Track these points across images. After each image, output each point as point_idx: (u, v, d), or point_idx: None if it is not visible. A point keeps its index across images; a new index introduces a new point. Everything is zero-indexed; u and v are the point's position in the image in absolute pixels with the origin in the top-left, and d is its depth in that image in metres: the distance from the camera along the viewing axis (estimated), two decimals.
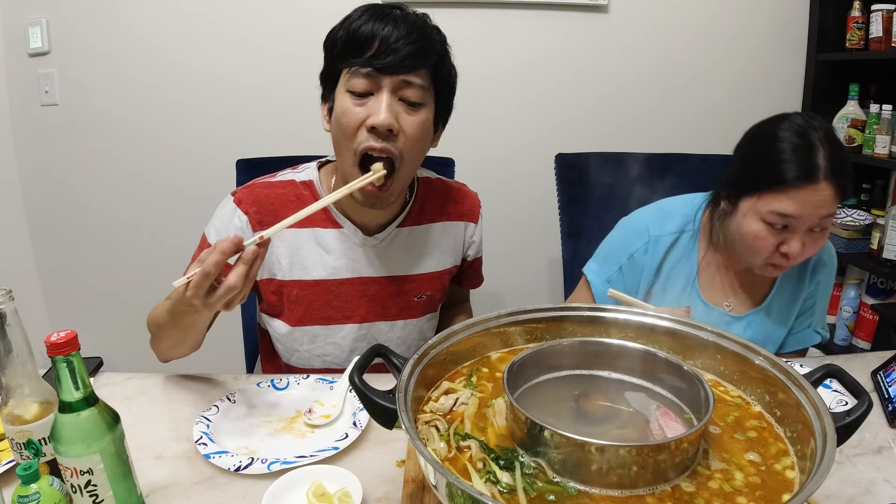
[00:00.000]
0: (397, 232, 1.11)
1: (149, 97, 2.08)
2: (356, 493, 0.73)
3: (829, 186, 0.97)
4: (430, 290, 1.16)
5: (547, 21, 2.06)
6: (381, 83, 0.93)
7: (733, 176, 1.09)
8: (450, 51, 1.01)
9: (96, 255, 2.22)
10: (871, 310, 1.99)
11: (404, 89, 0.94)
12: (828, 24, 2.06)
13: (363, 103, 0.94)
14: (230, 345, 1.57)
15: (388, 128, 0.92)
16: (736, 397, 0.75)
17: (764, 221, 1.02)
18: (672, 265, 1.19)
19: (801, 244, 1.01)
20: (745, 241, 1.06)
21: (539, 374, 0.76)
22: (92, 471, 0.65)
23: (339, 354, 1.13)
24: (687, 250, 1.19)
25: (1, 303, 0.69)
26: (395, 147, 0.95)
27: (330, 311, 1.10)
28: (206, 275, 0.77)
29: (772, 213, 1.00)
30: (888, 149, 1.84)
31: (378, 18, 0.93)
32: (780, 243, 1.02)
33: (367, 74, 0.92)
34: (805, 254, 1.02)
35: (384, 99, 0.93)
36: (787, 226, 1.01)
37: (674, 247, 1.18)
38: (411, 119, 0.95)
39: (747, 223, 1.04)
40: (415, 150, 0.98)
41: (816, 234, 1.02)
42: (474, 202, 1.23)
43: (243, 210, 1.05)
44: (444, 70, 1.00)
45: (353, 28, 0.93)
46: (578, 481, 0.59)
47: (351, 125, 0.94)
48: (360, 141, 0.94)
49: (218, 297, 0.79)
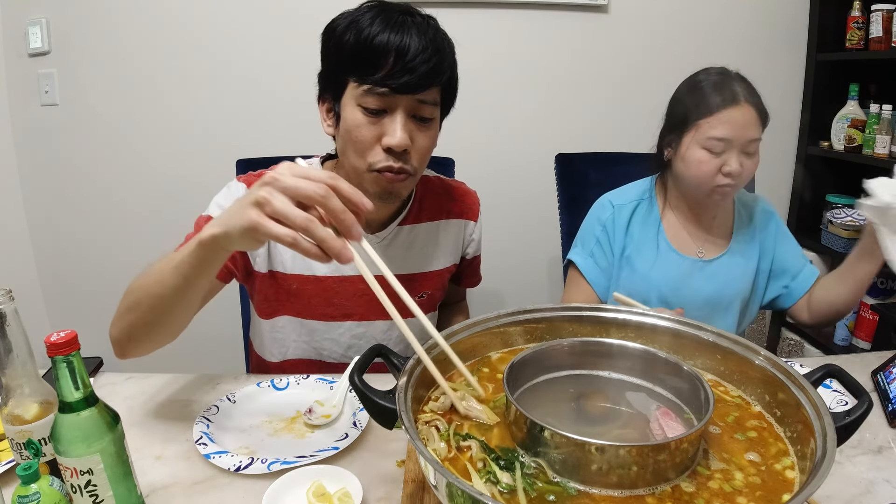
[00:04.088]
0: (398, 230, 1.11)
1: (149, 97, 2.08)
2: (356, 493, 0.73)
3: (751, 108, 1.16)
4: (431, 289, 1.16)
5: (547, 21, 2.06)
6: (396, 103, 0.92)
7: (670, 125, 1.27)
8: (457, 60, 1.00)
9: (96, 255, 2.22)
10: (871, 310, 1.99)
11: (418, 108, 0.94)
12: (828, 24, 2.06)
13: (377, 121, 0.93)
14: (230, 345, 1.57)
15: (404, 149, 0.93)
16: (736, 397, 0.75)
17: (704, 149, 1.19)
18: (639, 228, 1.34)
19: (739, 164, 1.17)
20: (692, 172, 1.22)
21: (539, 374, 0.76)
22: (92, 471, 0.65)
23: (336, 350, 1.13)
24: (648, 213, 1.35)
25: (1, 303, 0.69)
26: (409, 164, 0.96)
27: (329, 309, 1.10)
28: (323, 179, 0.63)
29: (709, 139, 1.18)
30: (888, 149, 1.84)
31: (391, 28, 0.89)
32: (722, 165, 1.18)
33: (382, 96, 0.90)
34: (743, 175, 1.19)
35: (399, 120, 0.92)
36: (723, 149, 1.17)
37: (635, 213, 1.34)
38: (423, 135, 0.96)
39: (690, 154, 1.21)
40: (425, 160, 1.00)
41: (749, 156, 1.19)
42: (474, 200, 1.23)
43: None
44: (454, 80, 1.00)
45: (364, 37, 0.89)
46: (578, 481, 0.59)
47: (365, 141, 0.93)
48: (377, 160, 0.94)
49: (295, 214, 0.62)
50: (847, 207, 2.05)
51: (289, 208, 0.62)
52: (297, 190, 0.63)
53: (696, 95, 1.22)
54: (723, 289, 1.32)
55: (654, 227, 1.34)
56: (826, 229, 2.08)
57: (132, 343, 0.88)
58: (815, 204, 2.22)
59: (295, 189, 0.63)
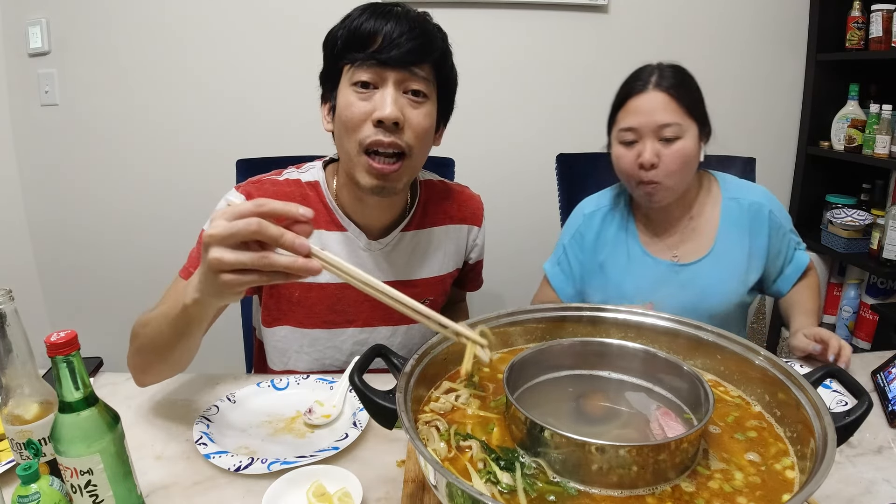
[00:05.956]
0: (401, 236, 1.10)
1: (149, 97, 2.08)
2: (356, 493, 0.73)
3: (660, 93, 1.12)
4: (434, 295, 1.16)
5: (547, 21, 2.06)
6: (385, 76, 0.92)
7: (608, 127, 1.23)
8: (450, 48, 1.00)
9: (96, 255, 2.22)
10: (870, 310, 1.99)
11: (409, 81, 0.94)
12: (828, 24, 2.06)
13: (368, 97, 0.93)
14: (230, 345, 1.57)
15: (394, 121, 0.92)
16: (736, 397, 0.75)
17: (620, 143, 1.17)
18: (612, 234, 1.30)
19: (653, 152, 1.12)
20: (617, 170, 1.20)
21: (539, 374, 0.77)
22: (92, 471, 0.65)
23: (339, 357, 1.12)
24: (622, 220, 1.30)
25: (1, 303, 0.69)
26: (402, 140, 0.94)
27: (332, 315, 1.09)
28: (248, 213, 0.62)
29: (621, 131, 1.16)
30: (888, 149, 1.84)
31: (379, 16, 0.92)
32: (637, 157, 1.14)
33: (371, 67, 0.92)
34: (664, 165, 1.13)
35: (389, 92, 0.92)
36: (635, 140, 1.14)
37: (607, 218, 1.31)
38: (416, 112, 0.95)
39: (613, 152, 1.19)
40: (421, 143, 0.97)
41: (667, 144, 1.13)
42: (478, 205, 1.23)
43: None
44: (446, 66, 1.00)
45: (354, 26, 0.93)
46: (578, 481, 0.59)
47: (355, 118, 0.93)
48: (367, 135, 0.93)
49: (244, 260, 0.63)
50: (847, 207, 2.05)
51: (239, 257, 0.63)
52: (233, 238, 0.63)
53: (618, 92, 1.20)
54: (701, 297, 1.22)
55: (629, 235, 1.29)
56: (826, 229, 2.08)
57: (147, 376, 0.94)
58: (815, 204, 2.23)
59: (231, 236, 0.63)
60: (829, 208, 2.13)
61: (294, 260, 0.64)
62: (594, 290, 1.31)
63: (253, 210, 0.63)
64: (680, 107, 1.12)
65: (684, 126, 1.13)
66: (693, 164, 1.17)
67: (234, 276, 0.64)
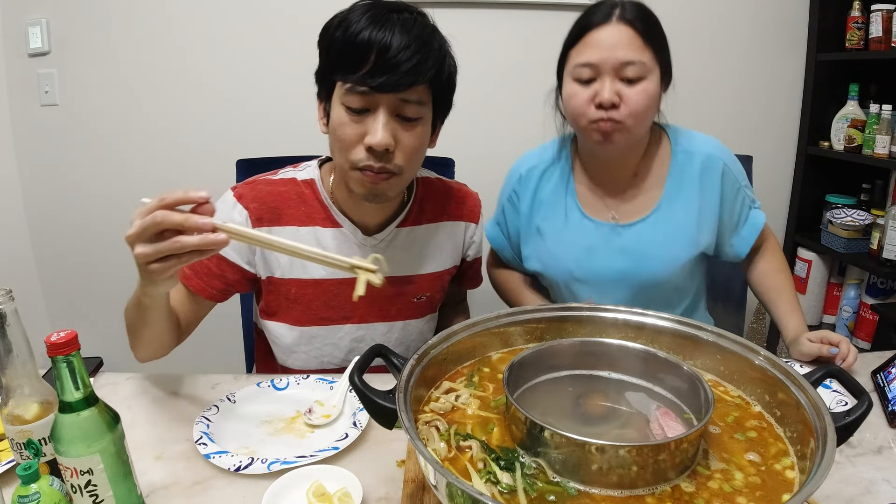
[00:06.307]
0: (397, 232, 1.11)
1: (149, 97, 2.08)
2: (356, 493, 0.73)
3: (624, 26, 1.01)
4: (430, 292, 1.16)
5: (547, 21, 2.06)
6: (377, 101, 0.91)
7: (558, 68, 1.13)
8: (449, 49, 0.98)
9: (96, 255, 2.22)
10: (870, 310, 1.99)
11: (402, 107, 0.92)
12: (828, 24, 2.06)
13: (360, 119, 0.92)
14: (230, 345, 1.57)
15: (385, 148, 0.91)
16: (736, 397, 0.75)
17: (574, 80, 1.05)
18: (549, 193, 1.20)
19: (612, 91, 1.01)
20: (568, 110, 1.09)
21: (539, 374, 0.77)
22: (92, 471, 0.65)
23: (337, 355, 1.13)
24: (561, 176, 1.20)
25: (1, 303, 0.69)
26: (393, 163, 0.94)
27: (329, 312, 1.09)
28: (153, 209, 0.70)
29: (576, 66, 1.04)
30: (888, 149, 1.84)
31: (376, 24, 0.88)
32: (593, 95, 1.03)
33: (363, 95, 0.90)
34: (627, 105, 1.01)
35: (381, 119, 0.91)
36: (592, 77, 1.03)
37: (545, 176, 1.21)
38: (408, 134, 0.94)
39: (565, 91, 1.08)
40: (413, 160, 0.97)
41: (630, 84, 1.02)
42: (475, 203, 1.23)
43: (244, 205, 1.03)
44: (443, 77, 0.96)
45: (349, 34, 0.89)
46: (578, 481, 0.59)
47: (347, 139, 0.93)
48: (359, 158, 0.93)
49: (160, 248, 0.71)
50: (847, 207, 2.05)
51: (157, 247, 0.71)
52: (145, 232, 0.71)
53: (572, 28, 1.08)
54: (639, 262, 1.14)
55: (567, 194, 1.19)
56: (826, 229, 2.08)
57: (138, 353, 1.00)
58: (815, 204, 2.23)
59: (144, 231, 0.71)
60: (829, 208, 2.13)
61: (203, 237, 0.71)
62: (531, 255, 1.24)
63: (156, 205, 0.71)
64: (646, 45, 1.02)
65: (648, 66, 1.02)
66: (653, 111, 1.08)
67: (159, 265, 0.72)
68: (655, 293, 1.17)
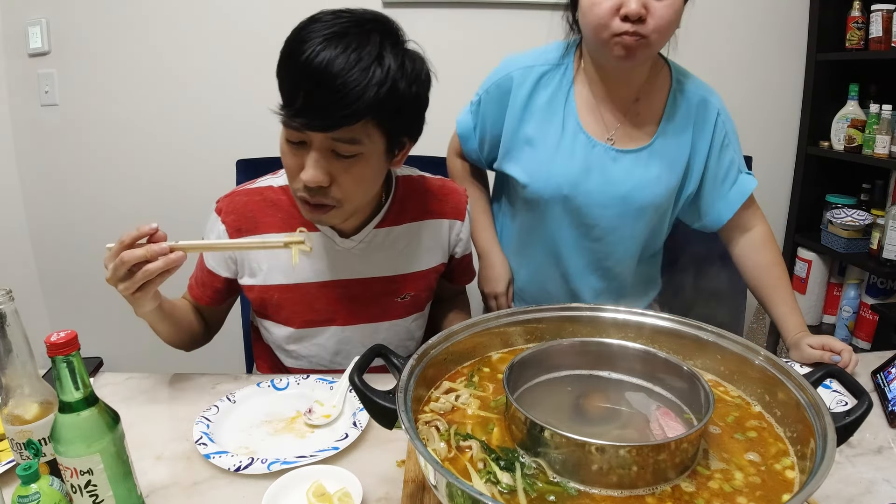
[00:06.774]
0: (375, 233, 1.08)
1: (149, 97, 2.08)
2: (356, 493, 0.73)
3: None
4: (415, 291, 1.14)
5: (547, 21, 2.05)
6: (310, 137, 0.88)
7: None
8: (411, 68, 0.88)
9: (96, 255, 2.20)
10: (870, 310, 1.99)
11: (335, 144, 0.87)
12: (828, 24, 2.06)
13: (297, 152, 0.90)
14: (230, 345, 1.57)
15: (317, 185, 0.89)
16: (736, 397, 0.75)
17: None
18: (545, 100, 1.14)
19: (640, 3, 0.95)
20: (587, 19, 1.01)
21: (539, 374, 0.77)
22: (92, 471, 0.65)
23: (324, 356, 1.13)
24: (560, 84, 1.13)
25: (1, 303, 0.69)
26: (331, 198, 0.92)
27: (312, 315, 1.09)
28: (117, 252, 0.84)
29: None
30: (888, 149, 1.84)
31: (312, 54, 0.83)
32: (619, 6, 0.97)
33: (294, 130, 0.88)
34: (654, 19, 0.97)
35: (312, 156, 0.88)
36: None
37: (542, 80, 1.13)
38: (345, 170, 0.90)
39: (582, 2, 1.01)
40: (355, 193, 0.94)
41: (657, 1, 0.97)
42: (460, 199, 1.16)
43: (222, 219, 1.05)
44: (394, 105, 0.86)
45: (285, 62, 0.89)
46: (578, 481, 0.59)
47: (289, 169, 0.93)
48: (297, 188, 0.93)
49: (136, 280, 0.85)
50: (847, 207, 2.05)
51: (132, 282, 0.85)
52: (117, 273, 0.85)
53: None
54: (635, 190, 1.11)
55: (564, 100, 1.12)
56: (826, 229, 2.08)
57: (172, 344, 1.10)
58: (815, 204, 2.23)
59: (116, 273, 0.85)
60: (829, 208, 2.13)
61: (165, 259, 0.84)
62: (517, 166, 1.17)
63: (118, 248, 0.84)
64: None
65: None
66: (675, 28, 1.03)
67: (139, 292, 0.87)
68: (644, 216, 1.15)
